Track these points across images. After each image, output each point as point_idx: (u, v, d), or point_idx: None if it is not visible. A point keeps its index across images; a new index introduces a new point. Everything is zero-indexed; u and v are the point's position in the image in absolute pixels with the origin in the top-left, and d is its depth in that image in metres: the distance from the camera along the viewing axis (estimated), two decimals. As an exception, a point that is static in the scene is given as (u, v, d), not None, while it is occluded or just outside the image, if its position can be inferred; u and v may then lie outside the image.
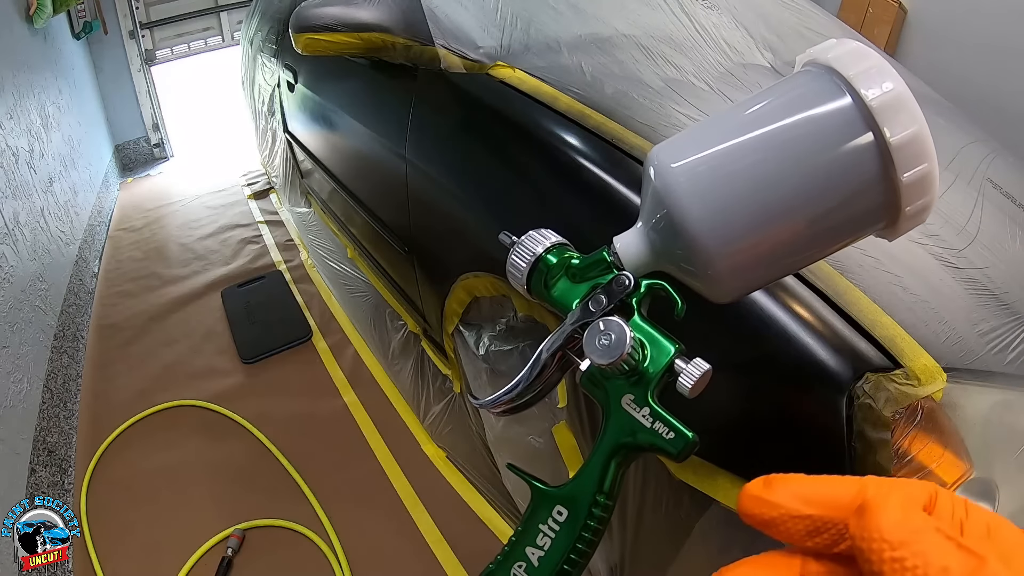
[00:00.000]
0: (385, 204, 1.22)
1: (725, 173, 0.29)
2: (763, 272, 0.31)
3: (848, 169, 0.27)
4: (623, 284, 0.32)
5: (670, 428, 0.30)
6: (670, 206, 0.30)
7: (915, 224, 0.28)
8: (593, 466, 0.32)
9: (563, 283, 0.35)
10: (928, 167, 0.26)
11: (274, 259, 2.23)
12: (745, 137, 0.29)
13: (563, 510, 0.32)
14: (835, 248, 0.30)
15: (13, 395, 1.32)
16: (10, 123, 1.83)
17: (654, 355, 0.31)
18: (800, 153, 0.28)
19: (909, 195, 0.27)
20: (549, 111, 0.78)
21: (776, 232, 0.29)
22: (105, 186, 3.00)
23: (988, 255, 0.65)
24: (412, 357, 1.39)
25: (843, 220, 0.29)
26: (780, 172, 0.28)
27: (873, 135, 0.26)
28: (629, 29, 0.96)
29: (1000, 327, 0.56)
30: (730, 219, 0.29)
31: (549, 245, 0.36)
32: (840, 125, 0.27)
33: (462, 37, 0.94)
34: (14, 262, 1.54)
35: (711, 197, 0.29)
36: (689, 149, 0.31)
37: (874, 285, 0.54)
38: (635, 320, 0.32)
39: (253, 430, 1.45)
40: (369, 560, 1.16)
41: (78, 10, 3.09)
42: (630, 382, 0.31)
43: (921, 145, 0.26)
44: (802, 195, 0.28)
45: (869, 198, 0.28)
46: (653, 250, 0.32)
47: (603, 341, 0.30)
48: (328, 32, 1.01)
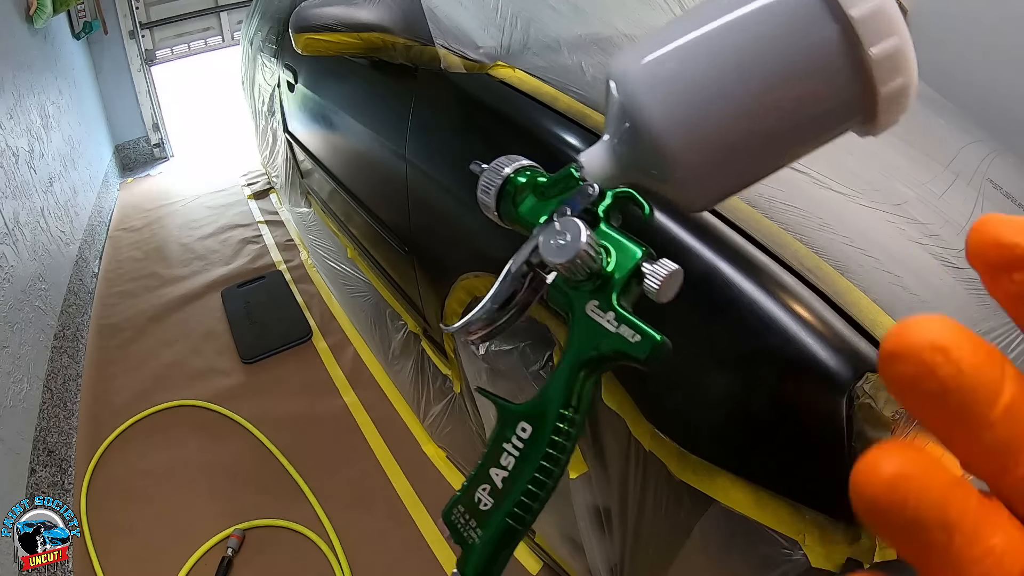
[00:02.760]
0: (385, 204, 1.22)
1: (682, 69, 0.28)
2: (735, 172, 0.30)
3: (812, 50, 0.26)
4: (587, 193, 0.32)
5: (636, 331, 0.28)
6: (630, 111, 0.29)
7: (896, 113, 0.27)
8: (558, 378, 0.31)
9: (530, 200, 0.35)
10: (899, 41, 0.25)
11: (274, 259, 2.23)
12: (700, 31, 0.28)
13: (527, 426, 0.31)
14: (811, 145, 0.29)
15: (13, 395, 1.32)
16: (10, 123, 1.83)
17: (620, 259, 0.30)
18: (758, 39, 0.27)
19: (881, 73, 0.25)
20: (549, 111, 0.78)
21: (742, 125, 0.28)
22: (105, 186, 3.00)
23: (988, 255, 0.65)
24: (412, 357, 1.39)
25: (814, 110, 0.28)
26: (739, 60, 0.27)
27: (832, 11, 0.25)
28: (629, 29, 0.96)
29: (1000, 327, 0.56)
30: (692, 114, 0.28)
31: (518, 166, 0.36)
32: (798, 6, 0.26)
33: (462, 37, 0.94)
34: (14, 262, 1.54)
35: (670, 95, 0.28)
36: (645, 52, 0.30)
37: (874, 285, 0.54)
38: (600, 228, 0.31)
39: (253, 430, 1.45)
40: (369, 560, 1.16)
41: (78, 10, 3.09)
42: (595, 287, 0.30)
43: (887, 16, 0.25)
44: (765, 83, 0.27)
45: (838, 82, 0.26)
46: (619, 162, 0.32)
47: (559, 240, 0.29)
48: (328, 32, 1.01)
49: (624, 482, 0.67)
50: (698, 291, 0.56)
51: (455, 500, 0.33)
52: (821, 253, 0.56)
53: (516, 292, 0.34)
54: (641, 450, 0.62)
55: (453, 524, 0.33)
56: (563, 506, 0.87)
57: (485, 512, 0.31)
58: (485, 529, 0.31)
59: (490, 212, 0.36)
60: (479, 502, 0.32)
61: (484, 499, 0.32)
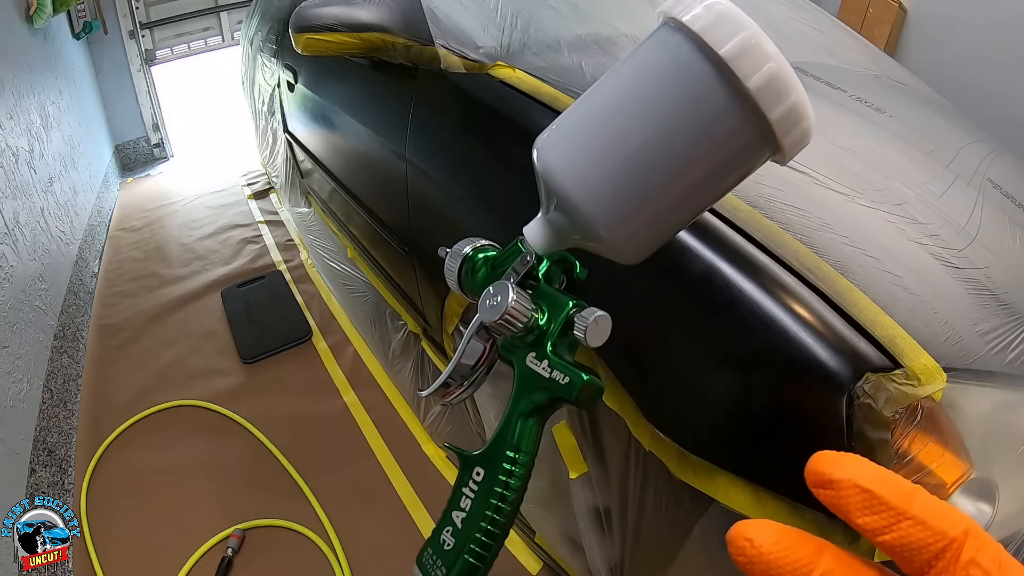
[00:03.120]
0: (385, 204, 1.22)
1: (590, 144, 0.30)
2: (658, 226, 0.31)
3: (713, 119, 0.27)
4: (525, 260, 0.36)
5: (565, 373, 0.31)
6: (555, 191, 0.31)
7: (799, 135, 0.27)
8: (504, 424, 0.34)
9: (483, 273, 0.39)
10: (794, 98, 0.26)
11: (274, 259, 2.23)
12: (603, 106, 0.30)
13: (480, 470, 0.34)
14: (724, 190, 0.31)
15: (13, 395, 1.32)
16: (10, 123, 1.83)
17: (551, 312, 0.34)
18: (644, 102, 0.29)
19: (766, 100, 0.26)
20: (549, 111, 0.78)
21: (653, 188, 0.29)
22: (105, 186, 3.00)
23: (988, 255, 0.65)
24: (412, 357, 1.39)
25: (721, 165, 0.29)
26: (642, 132, 0.29)
27: (728, 85, 0.26)
28: (629, 29, 0.96)
29: (1000, 327, 0.56)
30: (605, 186, 0.30)
31: (475, 247, 0.41)
32: (694, 77, 0.27)
33: (462, 37, 0.94)
34: (14, 262, 1.54)
35: (582, 169, 0.30)
36: (559, 131, 0.32)
37: (874, 285, 0.54)
38: (540, 288, 0.35)
39: (253, 430, 1.45)
40: (369, 560, 1.16)
41: (78, 10, 3.09)
42: (532, 341, 0.34)
43: (757, 47, 0.25)
44: (668, 150, 0.28)
45: (741, 142, 0.28)
46: (555, 231, 0.34)
47: (491, 302, 0.33)
48: (328, 32, 1.01)
49: (624, 482, 0.67)
50: (698, 291, 0.56)
51: (425, 545, 0.36)
52: (821, 253, 0.56)
53: (483, 354, 0.38)
54: (641, 450, 0.62)
55: (424, 567, 0.36)
56: (563, 506, 0.87)
57: (448, 552, 0.34)
58: (450, 569, 0.34)
59: (455, 287, 0.41)
60: (443, 543, 0.35)
61: (447, 540, 0.34)
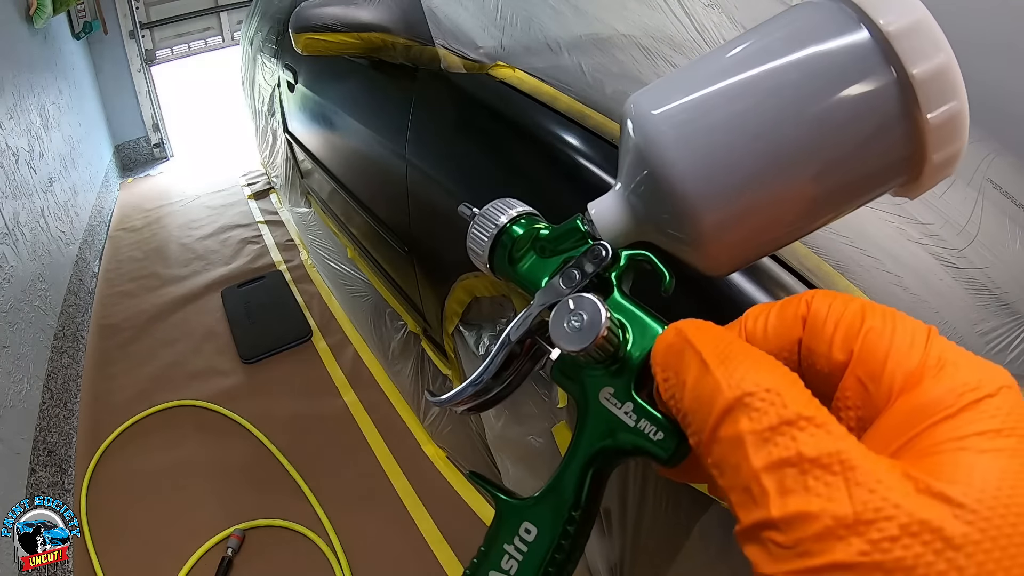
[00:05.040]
0: (385, 204, 1.22)
1: (716, 120, 0.25)
2: (763, 238, 0.26)
3: (861, 111, 0.23)
4: (599, 256, 0.27)
5: (659, 427, 0.24)
6: (652, 162, 0.25)
7: (941, 178, 0.24)
8: (569, 475, 0.26)
9: (531, 258, 0.30)
10: (958, 105, 0.22)
11: (274, 259, 2.23)
12: (739, 77, 0.24)
13: (531, 528, 0.26)
14: (847, 209, 0.26)
15: (13, 395, 1.32)
16: (10, 123, 1.83)
17: (637, 338, 0.25)
18: (804, 93, 0.24)
19: (936, 140, 0.22)
20: (549, 111, 0.79)
21: (777, 188, 0.24)
22: (105, 186, 3.00)
23: (988, 255, 0.65)
24: (412, 357, 1.39)
25: (857, 174, 0.24)
26: (780, 117, 0.24)
27: (892, 69, 0.22)
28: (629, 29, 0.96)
29: (1000, 327, 0.56)
30: (723, 173, 0.24)
31: (515, 215, 0.31)
32: (851, 58, 0.23)
33: (462, 37, 0.94)
34: (14, 262, 1.54)
35: (700, 148, 0.24)
36: (673, 94, 0.26)
37: (874, 285, 0.54)
38: (614, 298, 0.27)
39: (253, 430, 1.45)
40: (369, 560, 1.16)
41: (78, 10, 3.09)
42: (609, 372, 0.25)
43: (949, 79, 0.22)
44: (806, 143, 0.24)
45: (888, 146, 0.23)
46: (634, 216, 0.28)
47: (573, 322, 0.25)
48: (328, 32, 1.01)
49: (624, 482, 0.67)
50: (698, 291, 0.56)
51: None
52: (821, 253, 0.56)
53: (512, 360, 0.30)
54: (641, 450, 0.62)
55: None
56: (563, 506, 0.87)
57: None
58: None
59: (482, 264, 0.32)
60: None
61: None
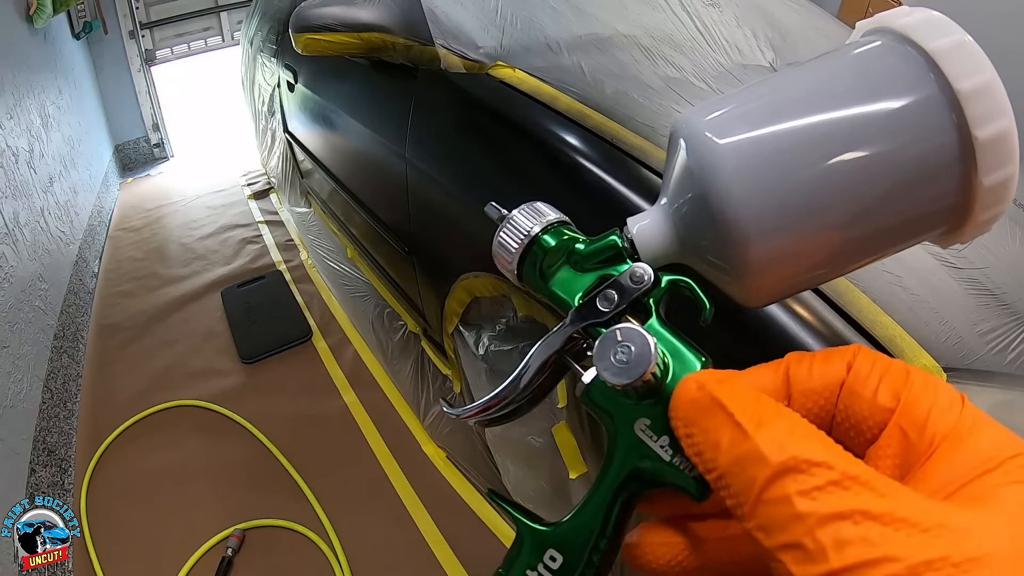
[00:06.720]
0: (385, 204, 1.22)
1: (782, 157, 0.24)
2: (806, 276, 0.26)
3: (923, 164, 0.23)
4: (640, 279, 0.26)
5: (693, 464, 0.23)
6: (708, 186, 0.24)
7: (980, 233, 0.24)
8: (598, 503, 0.25)
9: (564, 272, 0.28)
10: (1012, 170, 0.23)
11: (274, 259, 2.23)
12: (811, 121, 0.24)
13: (557, 556, 0.25)
14: (888, 253, 0.26)
15: (13, 395, 1.32)
16: (10, 123, 1.83)
17: (677, 371, 0.24)
18: (872, 141, 0.23)
19: (986, 200, 0.23)
20: (549, 111, 0.79)
21: (829, 232, 0.24)
22: (105, 186, 3.00)
23: (988, 255, 0.65)
24: (412, 357, 1.39)
25: (906, 221, 0.25)
26: (845, 162, 0.24)
27: (956, 128, 0.22)
28: (629, 29, 0.96)
29: (1000, 327, 0.56)
30: (780, 210, 0.24)
31: (547, 223, 0.29)
32: (923, 115, 0.23)
33: (462, 37, 0.94)
34: (14, 262, 1.54)
35: (762, 183, 0.24)
36: (736, 122, 0.25)
37: (874, 285, 0.54)
38: (653, 324, 0.26)
39: (253, 430, 1.45)
40: (369, 560, 1.16)
41: (78, 10, 3.09)
42: (647, 404, 0.24)
43: (1010, 144, 0.22)
44: (867, 190, 0.24)
45: (939, 200, 0.24)
46: (678, 238, 0.27)
47: (620, 356, 0.23)
48: (328, 32, 1.01)
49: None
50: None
51: None
52: (821, 253, 0.56)
53: (536, 379, 0.28)
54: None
55: None
56: (563, 506, 0.87)
57: None
58: None
59: (509, 273, 0.30)
60: None
61: None
